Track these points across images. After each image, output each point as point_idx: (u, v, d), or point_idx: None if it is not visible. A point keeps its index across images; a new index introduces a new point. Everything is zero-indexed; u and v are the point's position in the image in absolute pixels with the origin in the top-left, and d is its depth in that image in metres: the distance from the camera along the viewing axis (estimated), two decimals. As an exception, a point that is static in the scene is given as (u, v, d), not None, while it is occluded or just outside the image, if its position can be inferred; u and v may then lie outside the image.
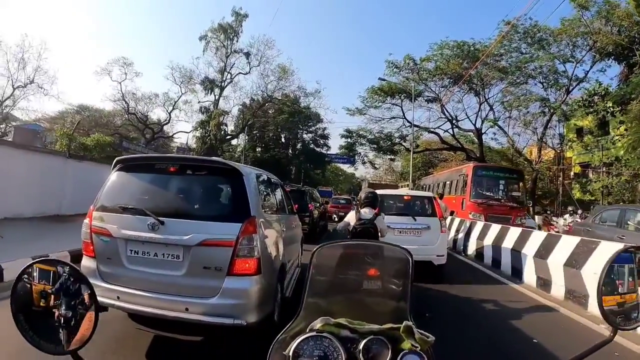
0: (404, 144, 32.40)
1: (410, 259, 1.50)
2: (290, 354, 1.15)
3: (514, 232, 8.40)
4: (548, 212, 14.94)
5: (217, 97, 32.63)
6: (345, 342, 1.18)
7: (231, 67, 32.93)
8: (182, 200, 3.74)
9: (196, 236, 3.25)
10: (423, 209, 7.50)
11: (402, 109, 30.30)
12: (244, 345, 3.58)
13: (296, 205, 7.17)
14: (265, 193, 4.35)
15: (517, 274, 7.65)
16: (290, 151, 42.29)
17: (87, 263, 3.57)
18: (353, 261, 1.68)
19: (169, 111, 35.16)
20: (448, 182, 17.38)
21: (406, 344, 1.17)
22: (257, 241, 3.35)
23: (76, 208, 12.08)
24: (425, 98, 28.64)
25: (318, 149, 41.91)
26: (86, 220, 3.61)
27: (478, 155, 29.33)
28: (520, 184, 15.51)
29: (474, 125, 29.80)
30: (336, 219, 7.65)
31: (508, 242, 8.33)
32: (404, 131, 31.32)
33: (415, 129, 31.60)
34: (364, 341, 1.17)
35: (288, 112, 36.51)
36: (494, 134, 30.43)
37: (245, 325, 3.20)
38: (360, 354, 1.15)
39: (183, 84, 33.31)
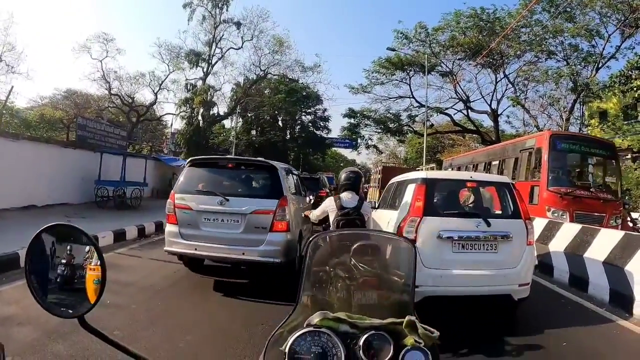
0: (412, 126, 29.43)
1: (413, 249, 1.50)
2: (287, 350, 1.11)
3: (609, 237, 5.74)
4: (626, 205, 10.40)
5: (205, 72, 29.35)
6: (344, 337, 1.15)
7: (220, 39, 29.48)
8: (238, 185, 5.68)
9: (250, 207, 5.13)
10: (498, 204, 4.85)
11: (410, 87, 27.50)
12: (272, 285, 5.35)
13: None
14: (289, 180, 6.14)
15: (620, 301, 5.11)
16: (288, 134, 39.16)
17: (171, 229, 5.36)
18: (352, 252, 1.61)
19: (155, 91, 32.33)
20: (496, 163, 12.05)
21: (409, 340, 1.14)
22: (287, 211, 5.20)
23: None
24: (438, 72, 25.56)
25: (318, 132, 38.65)
26: (169, 200, 5.37)
27: (494, 138, 26.84)
28: (614, 163, 10.24)
29: (489, 105, 27.13)
30: None
31: (599, 252, 5.74)
32: (413, 111, 28.44)
33: (425, 110, 28.88)
34: (364, 336, 1.13)
35: (285, 91, 33.28)
36: (508, 116, 27.84)
37: (279, 263, 5.05)
38: (360, 350, 1.11)
39: (171, 62, 30.35)
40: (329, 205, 4.42)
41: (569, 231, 6.69)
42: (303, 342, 1.12)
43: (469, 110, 27.35)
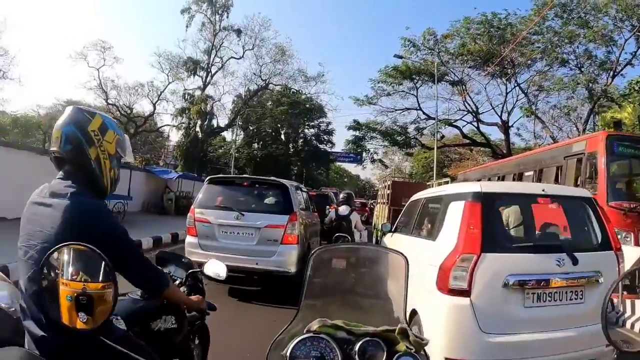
0: (420, 139, 28.06)
1: (406, 263, 1.57)
2: (288, 354, 1.19)
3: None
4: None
5: (204, 82, 28.21)
6: (341, 343, 1.23)
7: (220, 47, 28.47)
8: (253, 201, 6.01)
9: (263, 222, 5.60)
10: (580, 231, 3.30)
11: (417, 99, 26.29)
12: (282, 292, 5.65)
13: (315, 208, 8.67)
14: (299, 197, 6.58)
15: None
16: (290, 148, 37.84)
17: (190, 240, 5.80)
18: (350, 264, 1.77)
19: (154, 102, 31.30)
20: (530, 174, 9.45)
21: (401, 346, 1.22)
22: (297, 225, 5.67)
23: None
24: (447, 82, 24.30)
25: (321, 146, 37.22)
26: (190, 214, 5.88)
27: (505, 152, 25.49)
28: None
29: (500, 117, 25.87)
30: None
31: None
32: (421, 124, 27.16)
33: (433, 122, 27.60)
34: (360, 342, 1.22)
35: (287, 103, 32.14)
36: (518, 129, 26.56)
37: (289, 272, 5.51)
38: (356, 355, 1.20)
39: (170, 72, 29.36)
40: (331, 213, 7.32)
41: (634, 256, 5.27)
42: (303, 347, 1.21)
43: (479, 123, 26.11)
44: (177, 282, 2.06)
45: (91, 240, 1.19)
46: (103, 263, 1.15)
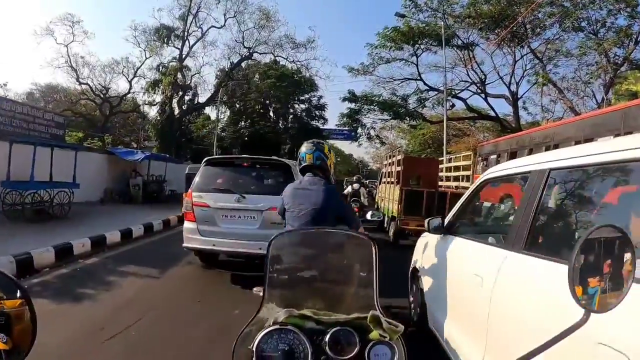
0: (421, 111, 25.51)
1: (374, 247, 1.52)
2: (254, 348, 1.14)
3: None
4: None
5: (180, 51, 24.96)
6: (310, 334, 1.17)
7: (197, 12, 24.89)
8: (254, 183, 5.67)
9: (265, 204, 5.22)
10: None
11: (417, 68, 23.71)
12: None
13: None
14: None
15: None
16: (280, 125, 34.98)
17: (189, 225, 5.55)
18: (316, 249, 1.67)
19: (130, 79, 28.34)
20: (608, 138, 6.55)
21: (374, 334, 1.16)
22: None
23: None
24: (454, 46, 21.55)
25: (313, 123, 34.21)
26: (187, 198, 5.65)
27: (514, 125, 23.29)
28: None
29: (508, 88, 23.54)
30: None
31: None
32: (423, 94, 24.64)
33: (435, 93, 25.16)
34: (330, 332, 1.16)
35: (274, 76, 29.14)
36: (524, 102, 24.29)
37: None
38: (327, 346, 1.14)
39: (148, 48, 26.24)
40: (349, 188, 11.74)
41: None
42: (270, 340, 1.14)
43: (486, 95, 23.75)
44: None
45: (332, 203, 2.65)
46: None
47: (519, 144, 9.90)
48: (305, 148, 2.81)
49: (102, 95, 29.27)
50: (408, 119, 24.59)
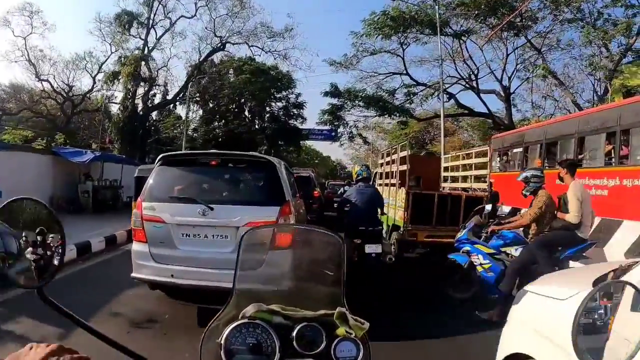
0: (410, 106, 23.78)
1: (342, 244, 1.47)
2: (222, 341, 1.10)
3: None
4: None
5: (145, 41, 22.42)
6: (278, 329, 1.15)
7: None
8: (226, 188, 4.32)
9: (242, 218, 3.81)
10: None
11: (404, 61, 22.10)
12: None
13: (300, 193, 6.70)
14: (288, 180, 4.85)
15: None
16: (256, 125, 32.59)
17: (138, 248, 4.07)
18: (285, 246, 1.66)
19: (93, 75, 25.68)
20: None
21: (340, 330, 1.15)
22: (292, 220, 4.06)
23: None
24: (447, 35, 19.93)
25: (291, 122, 31.95)
26: (136, 210, 4.12)
27: (507, 122, 22.09)
28: None
29: (500, 82, 22.30)
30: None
31: None
32: (412, 89, 23.02)
33: (422, 89, 23.62)
34: (298, 328, 1.14)
35: (249, 71, 26.78)
36: (514, 99, 23.22)
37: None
38: (294, 341, 1.12)
39: (113, 42, 23.65)
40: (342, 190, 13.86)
41: None
42: (238, 334, 1.12)
43: (479, 90, 22.42)
44: None
45: (376, 197, 5.81)
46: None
47: (560, 132, 8.16)
48: (359, 168, 6.05)
49: (64, 94, 26.60)
50: (397, 114, 22.67)
